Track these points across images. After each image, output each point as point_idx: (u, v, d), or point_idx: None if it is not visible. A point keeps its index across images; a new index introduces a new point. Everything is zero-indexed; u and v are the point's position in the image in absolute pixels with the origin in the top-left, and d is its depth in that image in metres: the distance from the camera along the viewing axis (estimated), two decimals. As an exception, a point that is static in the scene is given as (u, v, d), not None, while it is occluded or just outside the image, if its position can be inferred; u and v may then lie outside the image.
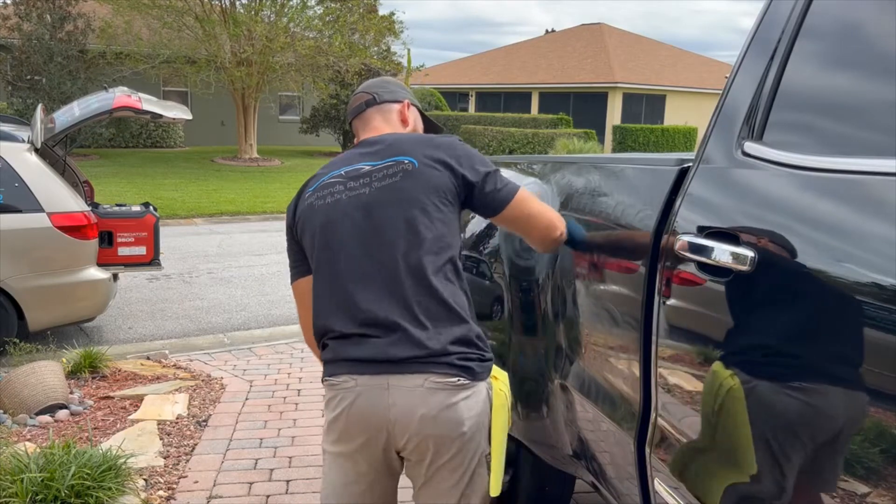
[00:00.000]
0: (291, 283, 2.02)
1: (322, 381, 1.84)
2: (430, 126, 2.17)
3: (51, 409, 3.86)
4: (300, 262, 1.96)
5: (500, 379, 1.88)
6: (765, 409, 1.36)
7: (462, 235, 2.68)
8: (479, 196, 1.88)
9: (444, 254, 1.81)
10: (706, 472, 1.54)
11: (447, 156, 1.86)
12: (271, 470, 3.39)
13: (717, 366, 1.49)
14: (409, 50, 26.99)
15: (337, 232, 1.82)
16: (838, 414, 1.20)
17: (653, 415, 1.70)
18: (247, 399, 4.27)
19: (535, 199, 1.97)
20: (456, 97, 33.79)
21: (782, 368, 1.32)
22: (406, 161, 1.84)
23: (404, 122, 2.05)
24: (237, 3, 18.02)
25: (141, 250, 5.26)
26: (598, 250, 2.01)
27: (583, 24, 35.21)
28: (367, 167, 1.87)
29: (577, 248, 2.06)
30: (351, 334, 1.77)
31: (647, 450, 1.72)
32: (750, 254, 1.38)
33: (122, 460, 2.97)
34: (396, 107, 2.05)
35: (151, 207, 5.54)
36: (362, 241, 1.80)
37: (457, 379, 1.73)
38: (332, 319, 1.80)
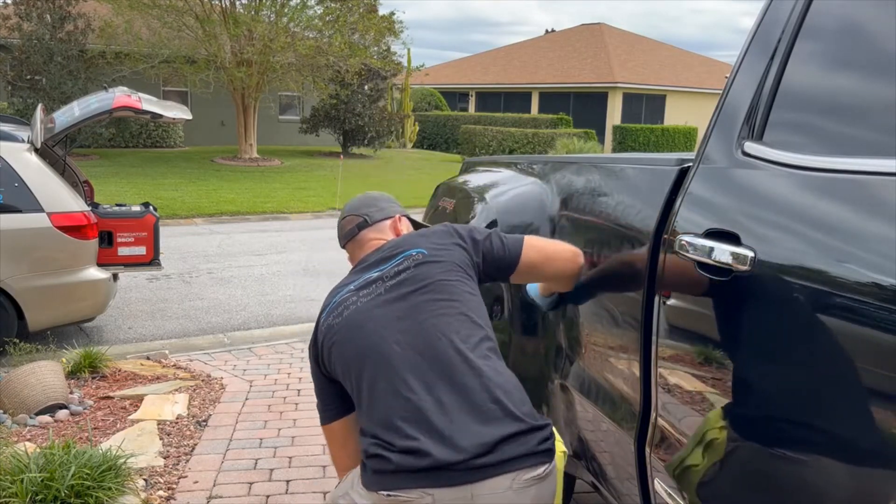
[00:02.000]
0: (322, 424, 1.91)
1: (373, 490, 1.60)
2: (416, 226, 2.17)
3: (51, 409, 3.86)
4: (333, 402, 1.86)
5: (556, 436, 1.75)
6: (764, 408, 1.36)
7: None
8: (491, 253, 1.89)
9: (485, 327, 1.76)
10: (706, 472, 1.54)
11: (450, 236, 1.89)
12: (271, 470, 3.38)
13: (717, 365, 1.49)
14: (409, 50, 27.02)
15: (366, 336, 1.72)
16: (838, 413, 1.20)
17: (653, 415, 1.70)
18: (247, 399, 4.27)
19: (542, 238, 2.02)
20: (456, 97, 33.79)
21: (782, 367, 1.32)
22: (415, 253, 1.82)
23: (398, 234, 2.05)
24: (237, 3, 18.01)
25: (141, 250, 5.26)
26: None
27: (583, 24, 35.21)
28: (376, 274, 1.83)
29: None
30: (411, 439, 1.56)
31: (647, 450, 1.72)
32: (750, 254, 1.37)
33: (122, 460, 2.96)
34: (388, 223, 2.05)
35: (151, 207, 5.53)
36: (397, 338, 1.69)
37: (543, 469, 1.59)
38: (385, 426, 1.60)
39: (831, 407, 1.21)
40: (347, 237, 2.05)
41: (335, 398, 1.86)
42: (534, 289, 2.21)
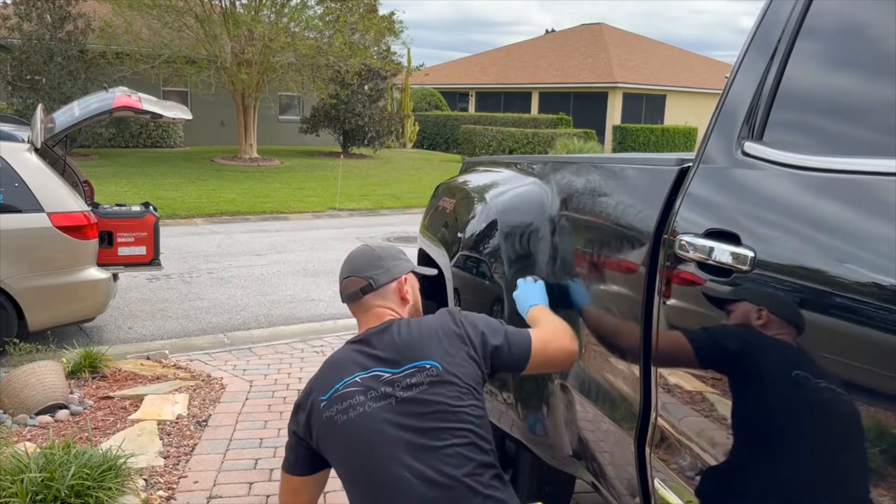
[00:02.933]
0: (284, 471, 1.97)
1: None
2: (421, 277, 2.16)
3: (51, 409, 3.86)
4: (302, 463, 1.92)
5: None
6: (764, 408, 1.36)
7: (461, 236, 2.69)
8: (500, 362, 1.90)
9: (490, 453, 1.80)
10: (706, 472, 1.54)
11: (462, 342, 1.87)
12: (271, 470, 3.38)
13: (717, 365, 1.49)
14: (409, 50, 27.01)
15: (376, 456, 1.74)
16: (838, 413, 1.20)
17: (653, 415, 1.70)
18: (247, 399, 4.27)
19: (547, 335, 1.99)
20: (456, 97, 33.78)
21: (782, 368, 1.32)
22: (429, 366, 1.81)
23: (404, 299, 2.02)
24: (237, 3, 18.01)
25: (141, 250, 5.26)
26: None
27: (583, 24, 35.21)
28: (387, 375, 1.82)
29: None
30: None
31: (647, 450, 1.72)
32: (750, 254, 1.37)
33: (122, 460, 2.97)
34: (394, 286, 2.01)
35: (151, 207, 5.53)
36: (408, 463, 1.72)
37: None
38: None
39: (831, 407, 1.21)
40: (350, 299, 2.01)
41: (306, 462, 1.92)
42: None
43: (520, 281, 2.24)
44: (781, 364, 1.32)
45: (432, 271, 2.32)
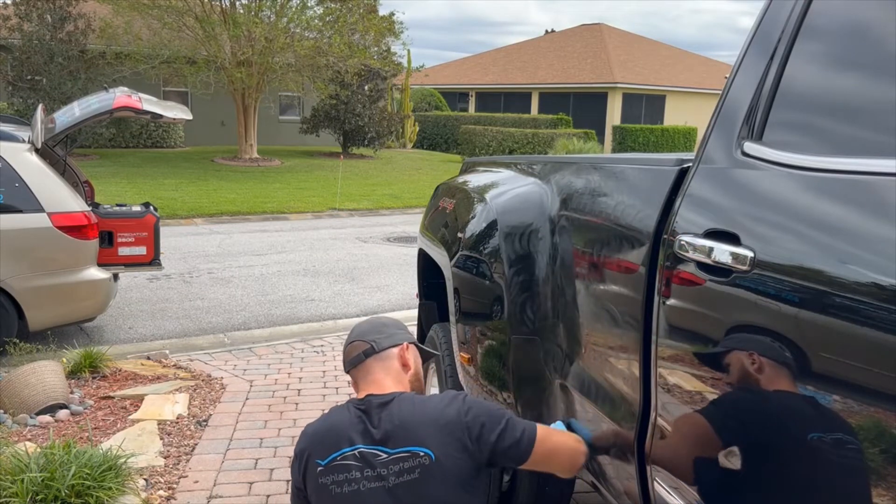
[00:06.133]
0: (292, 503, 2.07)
1: None
2: (424, 355, 2.18)
3: (51, 409, 3.86)
4: None
5: None
6: (764, 409, 1.36)
7: (461, 236, 2.69)
8: (501, 453, 1.88)
9: None
10: (705, 472, 1.54)
11: (461, 433, 1.85)
12: (271, 470, 3.39)
13: (717, 366, 1.49)
14: (408, 50, 27.01)
15: None
16: (837, 413, 1.20)
17: (653, 415, 1.70)
18: (247, 399, 4.27)
19: (552, 431, 1.97)
20: (456, 97, 33.78)
21: (781, 368, 1.32)
22: (423, 454, 1.81)
23: (405, 365, 2.04)
24: (237, 3, 18.01)
25: (141, 250, 5.26)
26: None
27: (583, 24, 35.22)
28: (383, 455, 1.83)
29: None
30: None
31: (647, 450, 1.73)
32: (749, 254, 1.38)
33: (122, 460, 2.97)
34: (395, 351, 2.04)
35: (152, 207, 5.54)
36: None
37: None
38: None
39: (830, 407, 1.22)
40: (353, 363, 2.04)
41: None
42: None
43: None
44: (781, 364, 1.32)
45: (434, 353, 2.36)
